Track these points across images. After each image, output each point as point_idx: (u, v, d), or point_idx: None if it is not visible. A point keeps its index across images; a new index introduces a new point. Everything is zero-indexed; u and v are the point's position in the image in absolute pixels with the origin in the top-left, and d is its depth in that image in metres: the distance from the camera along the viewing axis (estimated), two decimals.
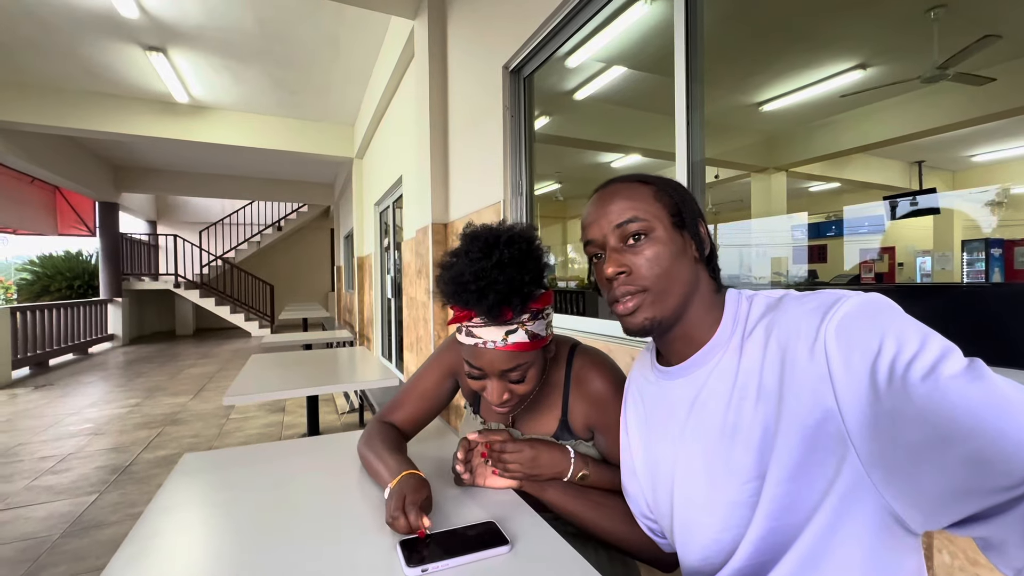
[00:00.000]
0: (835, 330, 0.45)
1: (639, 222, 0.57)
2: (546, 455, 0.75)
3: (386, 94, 4.29)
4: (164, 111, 5.43)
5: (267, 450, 1.01)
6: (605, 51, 3.22)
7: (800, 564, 0.48)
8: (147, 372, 5.81)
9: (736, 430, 0.53)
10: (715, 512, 0.55)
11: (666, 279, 0.56)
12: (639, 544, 0.70)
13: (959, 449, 0.37)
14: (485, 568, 0.58)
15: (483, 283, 0.65)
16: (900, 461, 0.40)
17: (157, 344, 8.44)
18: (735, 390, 0.53)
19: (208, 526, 0.70)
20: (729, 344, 0.56)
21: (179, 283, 9.22)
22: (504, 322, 0.69)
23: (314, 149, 6.19)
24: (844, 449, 0.44)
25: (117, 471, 2.74)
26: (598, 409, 0.78)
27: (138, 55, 4.30)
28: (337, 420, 3.68)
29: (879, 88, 3.99)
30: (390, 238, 5.09)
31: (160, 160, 8.04)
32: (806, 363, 0.46)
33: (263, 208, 11.24)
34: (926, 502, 0.40)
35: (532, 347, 0.71)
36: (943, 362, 0.39)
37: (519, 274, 0.67)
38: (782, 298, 0.54)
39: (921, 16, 3.18)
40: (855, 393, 0.43)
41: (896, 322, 0.43)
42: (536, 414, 0.84)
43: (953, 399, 0.38)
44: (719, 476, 0.54)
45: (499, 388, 0.73)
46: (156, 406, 4.19)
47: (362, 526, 0.68)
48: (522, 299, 0.68)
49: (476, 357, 0.72)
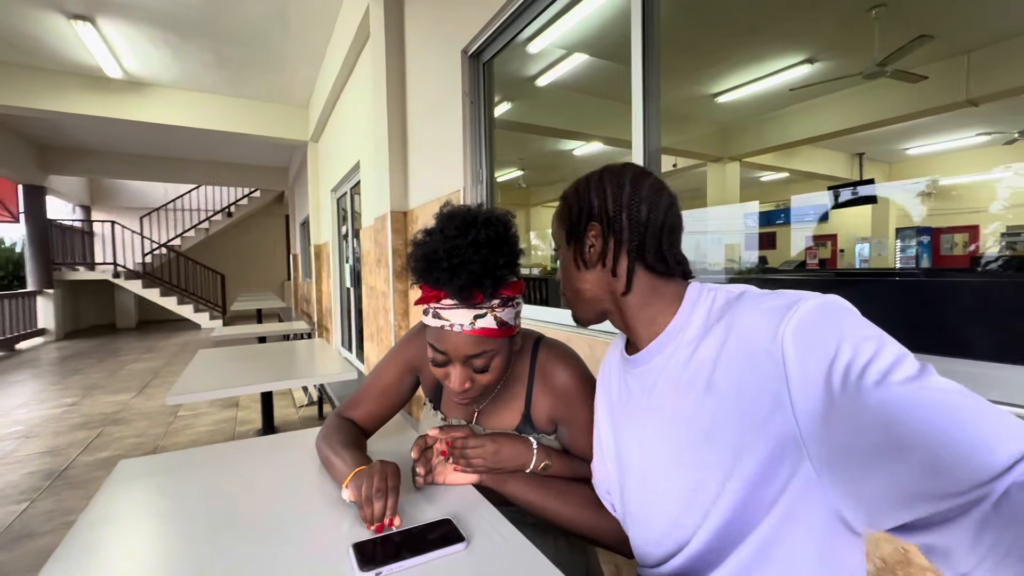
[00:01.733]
0: (792, 333, 0.45)
1: (555, 240, 0.67)
2: (509, 447, 0.75)
3: (341, 75, 4.11)
4: (94, 87, 4.99)
5: (212, 452, 0.96)
6: (566, 38, 3.20)
7: (753, 556, 0.50)
8: (84, 369, 5.43)
9: (685, 420, 0.54)
10: (668, 502, 0.57)
11: (569, 289, 0.65)
12: (603, 530, 0.71)
13: (909, 456, 0.37)
14: (440, 567, 0.57)
15: (456, 261, 0.64)
16: (849, 465, 0.41)
17: (95, 338, 7.89)
18: (684, 381, 0.55)
19: (147, 537, 0.66)
20: (683, 335, 0.56)
21: (118, 273, 8.62)
22: (473, 305, 0.68)
23: (265, 131, 5.87)
24: (796, 449, 0.45)
25: (51, 476, 2.56)
26: (562, 402, 0.78)
27: (61, 24, 3.92)
28: (295, 414, 3.57)
29: (825, 83, 4.18)
30: (348, 225, 4.94)
31: (92, 140, 7.42)
32: (763, 363, 0.47)
33: (211, 193, 10.63)
34: (873, 505, 0.41)
35: (500, 334, 0.70)
36: (896, 369, 0.40)
37: (493, 256, 0.66)
38: (741, 295, 0.54)
39: (863, 15, 3.33)
40: (809, 396, 0.43)
41: (852, 327, 0.44)
42: (499, 407, 0.83)
43: (905, 406, 0.38)
44: (674, 467, 0.56)
45: (462, 375, 0.71)
46: (95, 405, 3.93)
47: (313, 529, 0.65)
48: (494, 282, 0.67)
49: (441, 340, 0.70)
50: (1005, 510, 0.33)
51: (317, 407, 3.63)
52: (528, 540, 0.62)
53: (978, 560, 0.34)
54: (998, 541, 0.33)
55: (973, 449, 0.35)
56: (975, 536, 0.34)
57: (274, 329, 3.67)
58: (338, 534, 0.64)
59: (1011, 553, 0.33)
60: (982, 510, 0.34)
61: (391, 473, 0.65)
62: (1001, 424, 0.36)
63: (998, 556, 0.33)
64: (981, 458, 0.34)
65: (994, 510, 0.33)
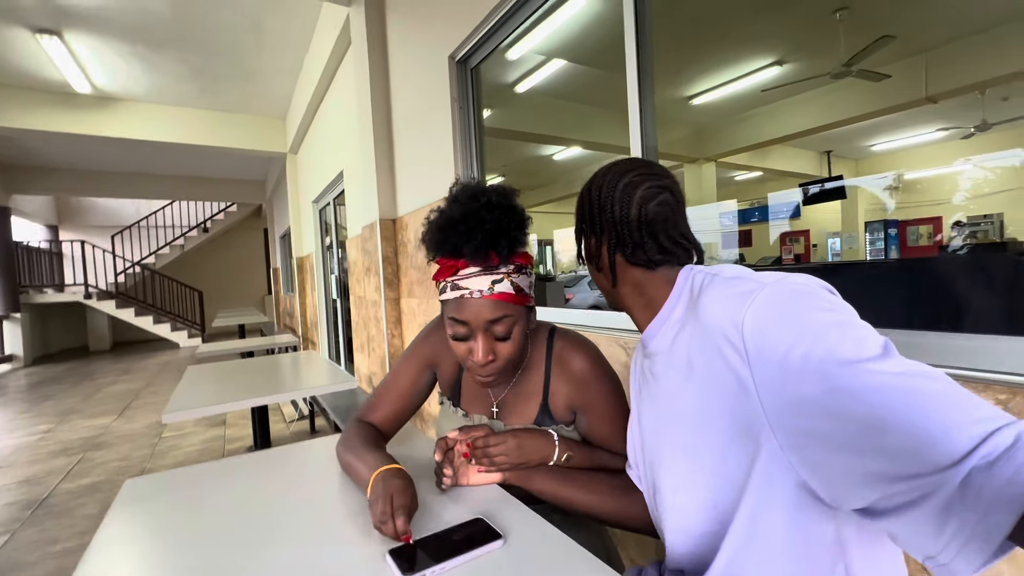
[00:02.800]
0: (752, 320, 0.46)
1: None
2: (531, 441, 0.76)
3: (320, 86, 4.08)
4: (62, 103, 4.84)
5: (220, 467, 0.94)
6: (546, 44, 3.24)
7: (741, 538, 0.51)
8: (57, 394, 5.21)
9: (674, 403, 0.57)
10: (674, 482, 0.59)
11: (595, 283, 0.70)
12: (632, 515, 0.72)
13: (870, 440, 0.37)
14: (481, 566, 0.57)
15: (472, 223, 0.67)
16: (813, 448, 0.42)
17: (67, 363, 7.59)
18: (672, 365, 0.58)
19: (168, 556, 0.64)
20: (670, 319, 0.59)
21: (90, 294, 8.31)
22: (491, 268, 0.70)
23: (241, 144, 5.77)
24: (761, 430, 0.46)
25: (31, 506, 2.45)
26: (579, 388, 0.79)
27: (26, 39, 3.80)
28: (286, 429, 3.50)
29: (795, 83, 4.32)
30: (332, 236, 4.88)
31: (59, 158, 7.17)
32: (726, 349, 0.48)
33: (186, 208, 10.36)
34: (837, 486, 0.42)
35: (517, 300, 0.71)
36: (857, 354, 0.40)
37: (506, 219, 0.69)
38: (713, 279, 0.55)
39: (828, 17, 3.47)
40: (770, 382, 0.44)
41: (811, 313, 0.44)
42: (517, 399, 0.83)
43: (866, 391, 0.38)
44: (670, 447, 0.59)
45: (485, 345, 0.71)
46: (73, 430, 3.77)
47: (345, 538, 0.65)
48: (509, 243, 0.69)
49: (461, 310, 0.70)
50: (968, 494, 0.33)
51: (309, 422, 3.56)
52: (559, 531, 0.63)
53: (944, 544, 0.35)
54: (962, 525, 0.34)
55: (933, 433, 0.35)
56: (940, 520, 0.35)
57: (260, 344, 3.59)
58: (370, 541, 0.63)
59: (975, 536, 0.33)
60: (945, 494, 0.34)
61: (397, 493, 0.63)
62: (962, 407, 0.36)
63: (963, 539, 0.34)
64: (941, 442, 0.35)
65: (958, 494, 0.34)
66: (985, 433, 0.34)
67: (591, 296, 4.65)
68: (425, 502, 0.73)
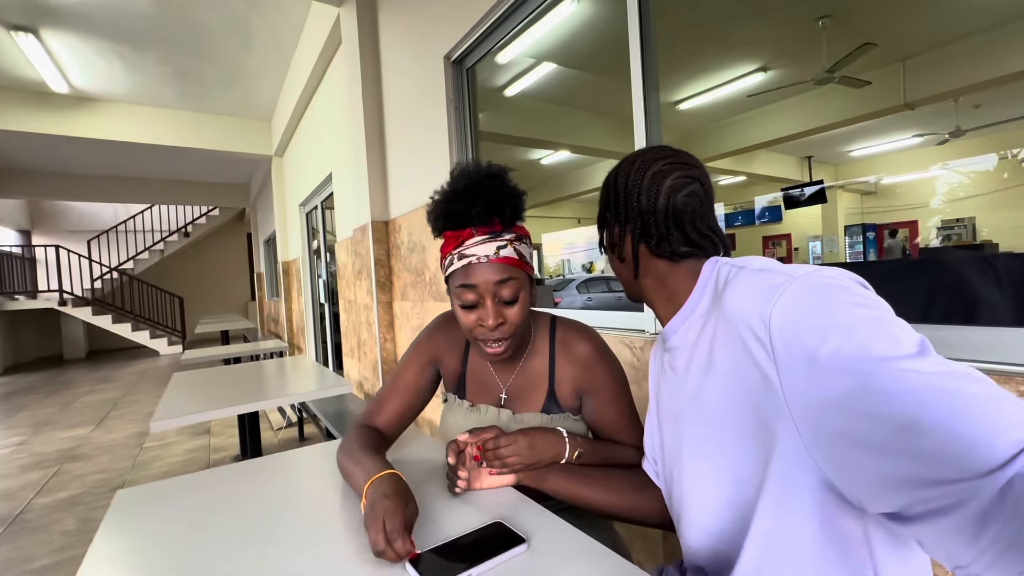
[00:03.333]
0: (780, 315, 0.44)
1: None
2: (541, 440, 0.74)
3: (308, 87, 4.02)
4: (37, 102, 4.69)
5: (212, 476, 0.90)
6: (536, 47, 3.25)
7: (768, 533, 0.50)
8: (30, 404, 5.02)
9: (694, 398, 0.56)
10: (691, 480, 0.58)
11: (616, 274, 0.70)
12: (647, 511, 0.71)
13: (902, 443, 0.35)
14: (507, 571, 0.55)
15: (477, 189, 0.72)
16: (841, 449, 0.40)
17: (40, 371, 7.32)
18: (693, 360, 0.56)
19: (167, 567, 0.61)
20: (695, 313, 0.58)
21: (64, 300, 8.04)
22: (495, 235, 0.73)
23: (225, 147, 5.66)
24: (784, 428, 0.44)
25: (5, 522, 2.33)
26: (584, 370, 0.81)
27: (1, 35, 3.68)
28: (274, 437, 3.41)
29: (778, 89, 4.41)
30: (319, 240, 4.80)
31: (32, 160, 6.93)
32: (752, 344, 0.46)
33: (166, 212, 10.12)
34: (866, 488, 0.39)
35: (520, 265, 0.75)
36: (890, 352, 0.38)
37: (505, 185, 0.74)
38: (739, 271, 0.53)
39: (811, 24, 3.55)
40: (798, 380, 0.42)
41: (844, 307, 0.42)
42: (523, 387, 0.84)
43: (899, 392, 0.36)
44: (690, 443, 0.57)
45: (494, 310, 0.74)
46: (48, 442, 3.63)
47: (361, 548, 0.62)
48: (511, 208, 0.74)
49: (469, 275, 0.73)
50: (1009, 502, 0.31)
51: (298, 429, 3.48)
52: (580, 530, 0.61)
53: (978, 553, 0.33)
54: (1000, 534, 0.32)
55: (972, 438, 0.33)
56: (976, 529, 0.33)
57: (245, 350, 3.50)
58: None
59: (1012, 547, 0.31)
60: (983, 501, 0.32)
61: (389, 516, 0.57)
62: (1003, 411, 0.34)
63: (999, 549, 0.32)
64: (981, 447, 0.33)
65: (998, 502, 0.32)
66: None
67: (579, 299, 4.66)
68: (436, 507, 0.71)
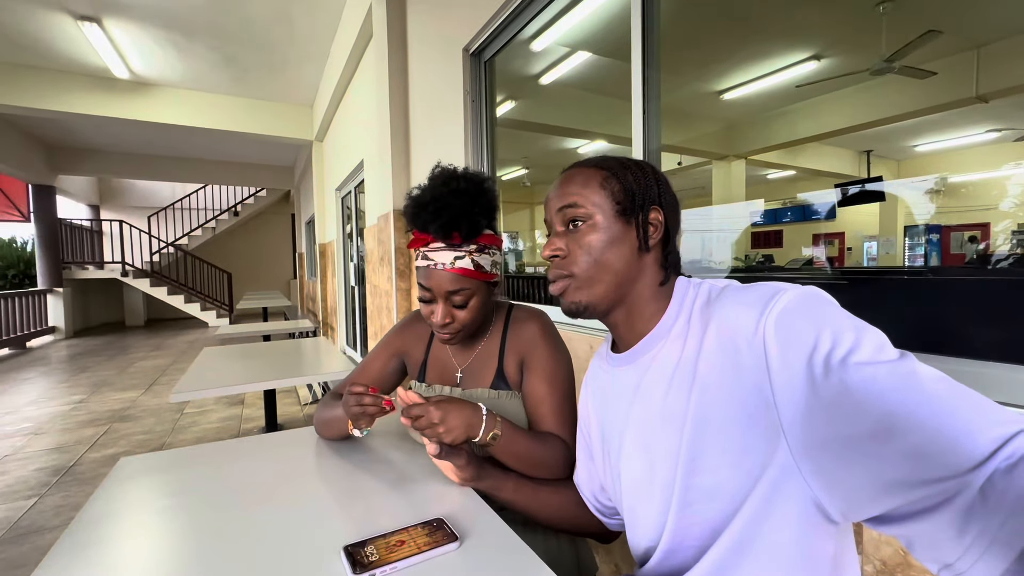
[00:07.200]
0: (774, 324, 0.45)
1: (577, 208, 0.58)
2: (455, 410, 0.70)
3: (345, 75, 4.12)
4: (102, 87, 5.05)
5: (212, 450, 0.97)
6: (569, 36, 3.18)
7: (731, 549, 0.50)
8: (93, 366, 5.49)
9: (673, 417, 0.54)
10: (653, 496, 0.56)
11: (595, 267, 0.57)
12: (586, 524, 0.75)
13: (890, 443, 0.37)
14: (433, 567, 0.57)
15: (439, 205, 0.77)
16: (831, 454, 0.41)
17: (104, 336, 7.98)
18: (674, 378, 0.54)
19: (144, 534, 0.66)
20: (671, 332, 0.56)
21: (127, 271, 8.71)
22: (454, 246, 0.78)
23: (270, 131, 5.90)
24: (776, 439, 0.45)
25: (59, 472, 2.59)
26: (528, 346, 0.86)
27: (69, 25, 3.96)
28: (300, 412, 3.60)
29: (832, 79, 4.14)
30: (353, 224, 4.95)
31: (101, 140, 7.50)
32: (745, 356, 0.47)
33: (218, 192, 10.70)
34: (854, 493, 0.40)
35: (476, 276, 0.79)
36: (876, 357, 0.40)
37: (470, 204, 0.78)
38: (724, 289, 0.54)
39: (871, 10, 3.29)
40: (791, 386, 0.43)
41: (832, 316, 0.44)
42: (476, 369, 0.90)
43: (886, 394, 0.38)
44: (657, 461, 0.55)
45: (443, 311, 0.80)
46: (103, 402, 3.97)
47: (307, 529, 0.66)
48: (469, 225, 0.78)
49: (427, 278, 0.80)
50: (990, 497, 0.33)
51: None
52: (520, 538, 0.63)
53: (964, 550, 0.34)
54: (984, 530, 0.33)
55: (955, 436, 0.35)
56: (961, 525, 0.34)
57: (279, 327, 3.69)
58: (332, 535, 0.64)
59: (996, 541, 0.32)
60: (966, 498, 0.33)
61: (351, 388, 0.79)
62: (982, 410, 0.36)
63: (983, 545, 0.33)
64: (963, 445, 0.34)
65: (980, 498, 0.33)
66: (1007, 435, 0.34)
67: None
68: (391, 499, 0.74)
